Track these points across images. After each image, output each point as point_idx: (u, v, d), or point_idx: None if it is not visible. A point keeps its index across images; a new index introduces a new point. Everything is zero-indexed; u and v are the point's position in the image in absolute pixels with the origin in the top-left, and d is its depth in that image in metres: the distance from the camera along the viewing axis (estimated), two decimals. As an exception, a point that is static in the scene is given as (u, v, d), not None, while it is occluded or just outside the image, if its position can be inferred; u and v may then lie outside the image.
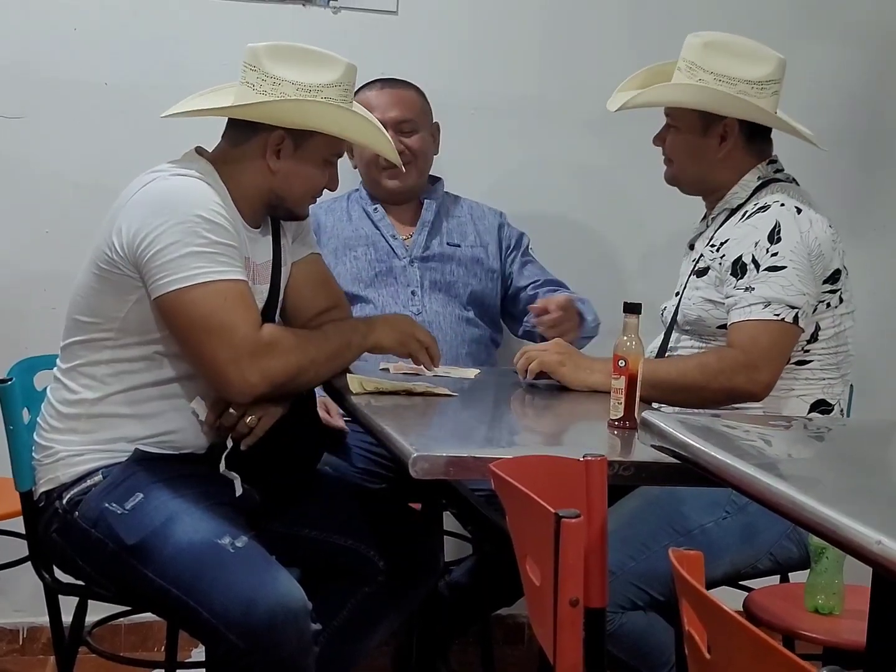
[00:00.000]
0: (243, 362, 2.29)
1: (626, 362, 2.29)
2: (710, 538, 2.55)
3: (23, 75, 3.35)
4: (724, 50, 2.75)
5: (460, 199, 3.44)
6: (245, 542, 2.25)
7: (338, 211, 3.35)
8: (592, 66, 3.63)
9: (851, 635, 2.31)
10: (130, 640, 3.55)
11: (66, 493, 2.38)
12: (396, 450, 2.07)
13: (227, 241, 2.33)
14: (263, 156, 2.46)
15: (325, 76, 2.43)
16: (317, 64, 2.45)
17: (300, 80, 2.41)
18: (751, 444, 2.01)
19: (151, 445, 2.41)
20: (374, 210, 3.33)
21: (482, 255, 3.34)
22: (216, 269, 2.30)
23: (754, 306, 2.60)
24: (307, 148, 2.47)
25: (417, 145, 3.29)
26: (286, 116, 2.43)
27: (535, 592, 1.69)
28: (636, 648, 2.54)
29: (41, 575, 2.47)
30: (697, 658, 1.32)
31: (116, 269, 2.35)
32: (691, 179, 2.85)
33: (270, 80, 2.42)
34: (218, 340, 2.29)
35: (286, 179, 2.48)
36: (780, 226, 2.64)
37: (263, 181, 2.48)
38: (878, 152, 3.90)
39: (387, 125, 3.12)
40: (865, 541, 1.31)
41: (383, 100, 3.26)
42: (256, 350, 2.31)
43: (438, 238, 3.33)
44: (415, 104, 3.31)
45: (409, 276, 3.26)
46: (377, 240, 3.29)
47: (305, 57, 2.46)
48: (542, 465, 1.86)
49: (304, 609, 2.20)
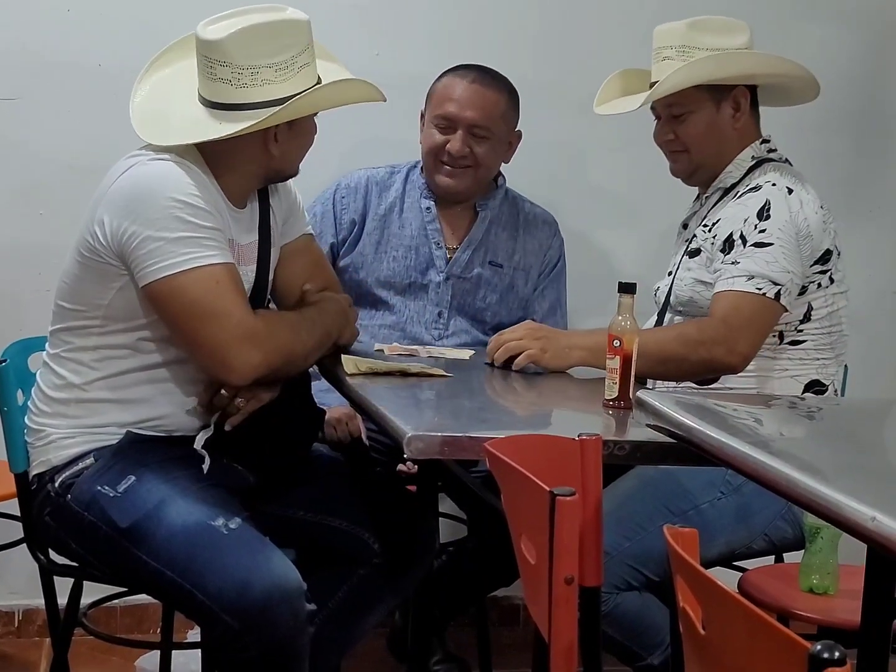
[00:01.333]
0: (242, 346, 2.29)
1: (620, 342, 2.29)
2: (705, 519, 2.55)
3: (17, 57, 3.34)
4: (706, 27, 2.79)
5: (518, 204, 3.30)
6: (239, 524, 2.25)
7: (391, 195, 3.22)
8: (587, 49, 3.63)
9: (846, 615, 2.32)
10: (126, 622, 3.55)
11: (59, 476, 2.38)
12: (391, 430, 2.07)
13: (212, 224, 2.32)
14: (263, 145, 2.45)
15: (291, 46, 2.40)
16: (279, 34, 2.40)
17: (273, 61, 2.38)
18: (745, 423, 2.01)
19: (142, 429, 2.41)
20: (428, 210, 3.20)
21: (519, 283, 3.23)
22: (205, 254, 2.29)
23: (738, 278, 2.60)
24: (299, 123, 2.47)
25: (483, 153, 3.13)
26: (288, 116, 2.43)
27: (531, 571, 1.69)
28: (631, 629, 2.55)
29: (36, 557, 2.47)
30: (692, 634, 1.32)
31: (99, 257, 2.34)
32: (712, 160, 2.82)
33: (248, 70, 2.38)
34: (215, 325, 2.29)
35: (285, 156, 2.49)
36: (769, 204, 2.65)
37: (263, 164, 2.48)
38: (872, 134, 3.89)
39: (459, 123, 3.09)
40: (860, 517, 1.32)
41: (466, 95, 3.10)
42: (253, 334, 2.30)
43: (482, 255, 3.21)
44: (497, 110, 3.13)
45: (441, 294, 3.17)
46: (421, 244, 3.18)
47: (268, 33, 2.40)
48: (537, 444, 1.86)
49: (299, 589, 2.20)
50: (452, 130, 3.10)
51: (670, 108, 2.81)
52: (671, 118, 2.81)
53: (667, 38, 2.80)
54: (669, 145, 2.84)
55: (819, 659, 1.07)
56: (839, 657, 1.07)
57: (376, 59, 3.45)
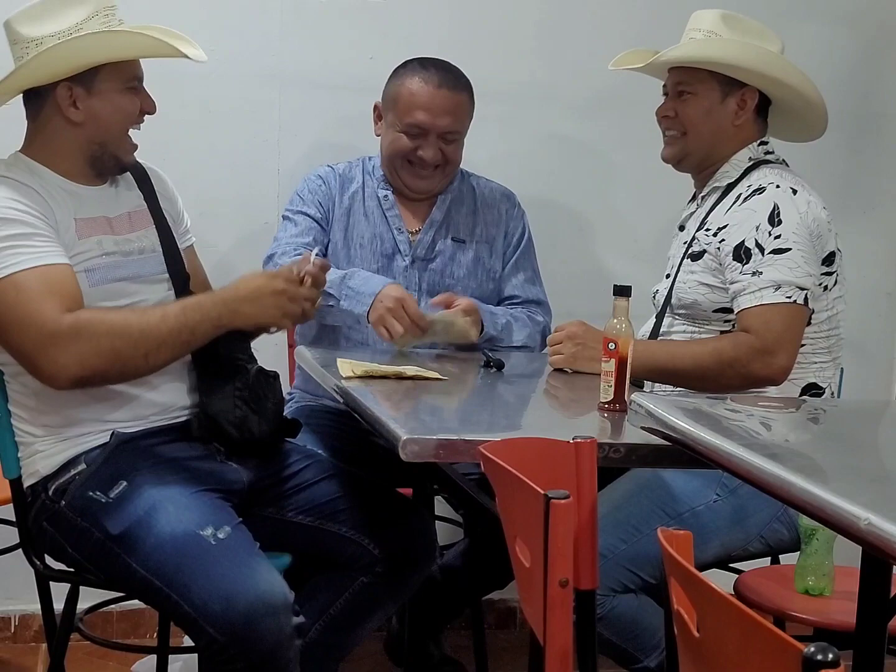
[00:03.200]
0: (50, 349, 2.25)
1: (615, 345, 2.30)
2: (700, 521, 2.55)
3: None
4: (739, 25, 2.80)
5: (473, 180, 3.31)
6: (228, 533, 2.24)
7: (353, 186, 3.22)
8: (584, 49, 3.63)
9: (842, 616, 2.32)
10: (122, 627, 3.55)
11: (51, 485, 2.37)
12: (387, 433, 2.07)
13: (20, 230, 2.29)
14: (61, 113, 2.41)
15: (76, 15, 2.38)
16: (66, 6, 2.39)
17: (57, 30, 2.37)
18: (740, 426, 2.01)
19: (125, 426, 2.40)
20: (385, 198, 3.20)
21: (484, 255, 3.24)
22: (8, 264, 2.26)
23: (765, 290, 2.60)
24: (98, 85, 2.41)
25: (453, 152, 3.15)
26: (54, 68, 2.38)
27: (525, 574, 1.69)
28: (627, 631, 2.55)
29: (32, 562, 2.46)
30: (686, 637, 1.32)
31: None
32: (704, 149, 2.82)
33: (33, 43, 2.38)
34: (21, 333, 2.26)
35: (96, 123, 2.43)
36: (778, 208, 2.65)
37: (76, 137, 2.43)
38: (867, 135, 3.90)
39: (432, 130, 3.09)
40: (854, 519, 1.32)
41: (437, 103, 3.09)
42: (59, 334, 2.24)
43: (444, 233, 3.22)
44: (465, 112, 3.16)
45: (409, 278, 3.16)
46: (384, 231, 3.18)
47: (53, 5, 2.39)
48: (532, 447, 1.87)
49: (285, 603, 2.19)
50: (423, 137, 3.11)
51: (678, 85, 2.82)
52: (676, 95, 2.82)
53: (700, 20, 2.81)
54: (667, 122, 2.85)
55: (813, 661, 1.07)
56: (833, 659, 1.07)
57: (370, 63, 3.45)
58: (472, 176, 3.32)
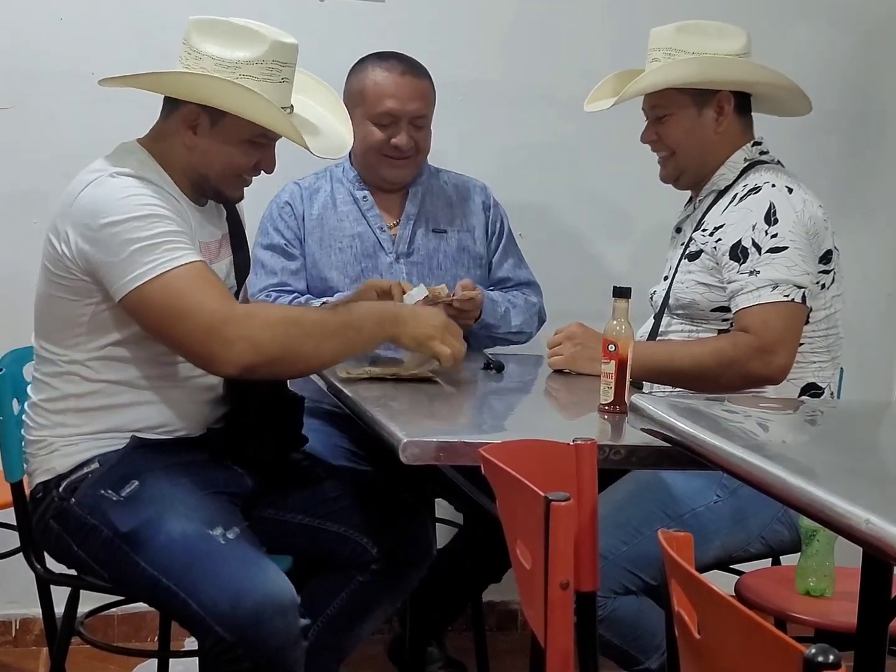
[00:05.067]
0: (223, 332, 2.23)
1: (615, 346, 2.29)
2: (701, 522, 2.55)
3: (11, 66, 3.34)
4: (696, 31, 2.80)
5: (444, 176, 3.35)
6: (237, 534, 2.25)
7: (321, 196, 3.25)
8: (577, 51, 3.64)
9: (843, 617, 2.31)
10: (123, 630, 3.55)
11: (64, 482, 2.38)
12: (387, 435, 2.07)
13: (169, 227, 2.30)
14: (181, 132, 2.42)
15: (246, 52, 2.38)
16: (241, 39, 2.39)
17: (220, 56, 2.37)
18: (740, 427, 2.01)
19: (145, 433, 2.41)
20: (364, 198, 3.24)
21: (468, 243, 3.28)
22: (166, 259, 2.26)
23: (762, 289, 2.61)
24: (223, 126, 2.41)
25: (423, 139, 3.20)
26: (192, 91, 2.39)
27: (526, 576, 1.69)
28: (628, 633, 2.55)
29: (33, 565, 2.47)
30: (687, 639, 1.32)
31: (70, 274, 2.34)
32: (695, 164, 2.83)
33: (194, 54, 2.39)
34: (189, 323, 2.26)
35: (204, 157, 2.43)
36: (774, 207, 2.65)
37: (184, 157, 2.43)
38: (865, 136, 3.90)
39: (403, 117, 3.13)
40: (855, 520, 1.32)
41: (406, 90, 3.15)
42: (232, 318, 2.25)
43: (424, 227, 3.25)
44: (430, 98, 3.22)
45: (395, 274, 3.16)
46: (364, 232, 3.21)
47: (232, 32, 2.40)
48: (532, 449, 1.87)
49: (293, 603, 2.19)
50: (394, 125, 3.15)
51: (654, 110, 2.84)
52: (655, 119, 2.84)
53: (657, 40, 2.82)
54: (654, 146, 2.87)
55: (814, 663, 1.07)
56: (833, 660, 1.07)
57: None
58: (442, 171, 3.36)
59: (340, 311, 2.44)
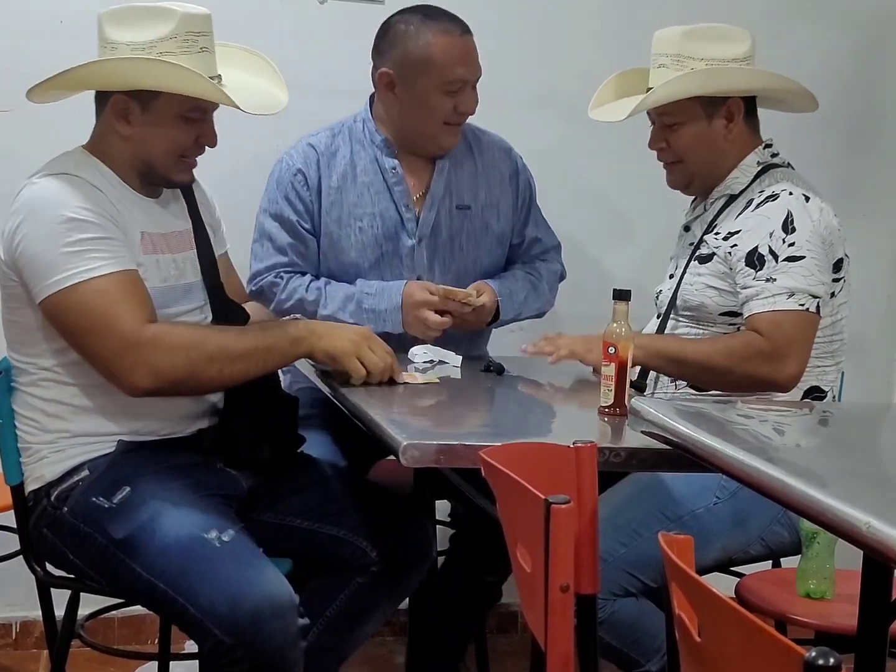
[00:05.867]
0: (128, 358, 2.26)
1: (615, 349, 2.29)
2: (701, 524, 2.55)
3: (10, 68, 3.34)
4: (702, 36, 2.78)
5: (470, 137, 3.13)
6: (232, 536, 2.25)
7: (339, 162, 3.03)
8: (580, 54, 3.64)
9: (843, 619, 2.31)
10: (123, 633, 3.55)
11: (54, 490, 2.38)
12: (387, 438, 2.07)
13: (98, 234, 2.29)
14: (114, 123, 2.42)
15: (158, 30, 2.36)
16: (151, 19, 2.37)
17: (134, 40, 2.36)
18: (740, 429, 2.01)
19: (131, 435, 2.40)
20: (393, 169, 3.02)
21: (491, 219, 3.11)
22: (90, 267, 2.27)
23: (778, 296, 2.60)
24: (154, 109, 2.40)
25: (477, 102, 3.02)
26: (116, 78, 2.38)
27: (526, 579, 1.69)
28: (629, 635, 2.55)
29: (33, 569, 2.46)
30: (688, 642, 1.32)
31: (10, 280, 2.35)
32: (705, 171, 2.82)
33: (110, 46, 2.38)
34: (100, 337, 2.27)
35: (143, 144, 2.42)
36: (792, 215, 2.65)
37: (125, 149, 2.43)
38: (866, 136, 3.90)
39: (471, 80, 2.99)
40: (855, 523, 1.32)
41: (472, 54, 2.98)
42: (138, 343, 2.26)
43: (448, 203, 3.06)
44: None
45: (417, 259, 3.03)
46: (386, 209, 3.01)
47: (141, 14, 2.38)
48: (532, 452, 1.87)
49: (291, 604, 2.20)
50: (462, 92, 2.98)
51: (663, 118, 2.82)
52: (664, 126, 2.82)
53: (663, 44, 2.80)
54: (662, 154, 2.85)
55: (814, 665, 1.07)
56: (834, 663, 1.07)
57: (368, 69, 3.45)
58: (469, 135, 3.16)
59: (251, 332, 2.44)
